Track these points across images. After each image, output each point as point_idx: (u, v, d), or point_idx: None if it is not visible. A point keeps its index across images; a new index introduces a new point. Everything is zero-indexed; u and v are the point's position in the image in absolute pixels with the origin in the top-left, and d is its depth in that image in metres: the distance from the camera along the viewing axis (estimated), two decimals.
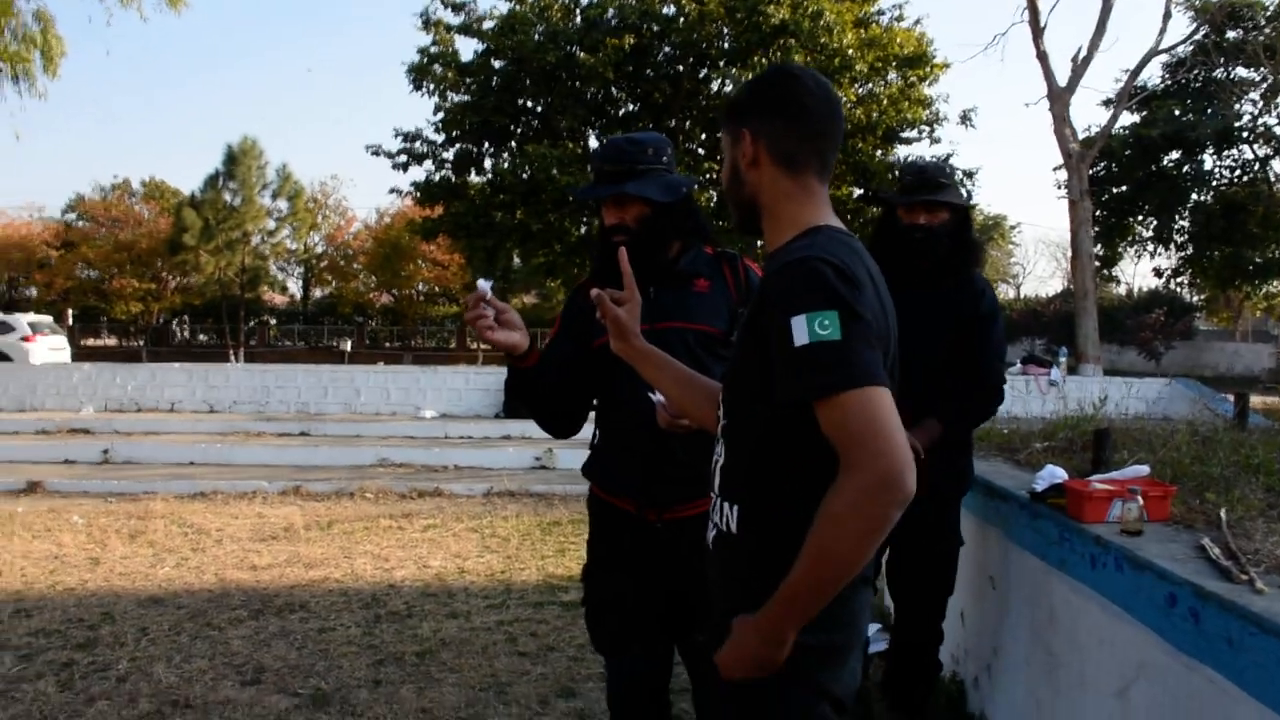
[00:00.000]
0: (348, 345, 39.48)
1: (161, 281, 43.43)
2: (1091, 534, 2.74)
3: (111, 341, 45.63)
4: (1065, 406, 9.17)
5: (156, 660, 4.72)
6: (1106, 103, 27.91)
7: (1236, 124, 28.50)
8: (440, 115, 20.78)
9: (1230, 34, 26.18)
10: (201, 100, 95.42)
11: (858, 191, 20.69)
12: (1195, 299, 38.43)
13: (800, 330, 1.60)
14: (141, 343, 42.97)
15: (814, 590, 1.63)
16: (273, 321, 48.05)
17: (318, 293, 49.24)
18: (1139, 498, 2.71)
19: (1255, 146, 29.62)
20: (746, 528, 1.79)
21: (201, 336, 47.45)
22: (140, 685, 4.39)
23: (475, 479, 10.33)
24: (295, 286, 49.61)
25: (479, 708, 4.13)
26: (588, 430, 2.82)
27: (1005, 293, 68.46)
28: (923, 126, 20.63)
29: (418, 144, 21.31)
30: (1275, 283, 32.17)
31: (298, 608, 5.62)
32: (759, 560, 1.73)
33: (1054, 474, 3.16)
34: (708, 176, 20.24)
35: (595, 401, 2.79)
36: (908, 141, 21.18)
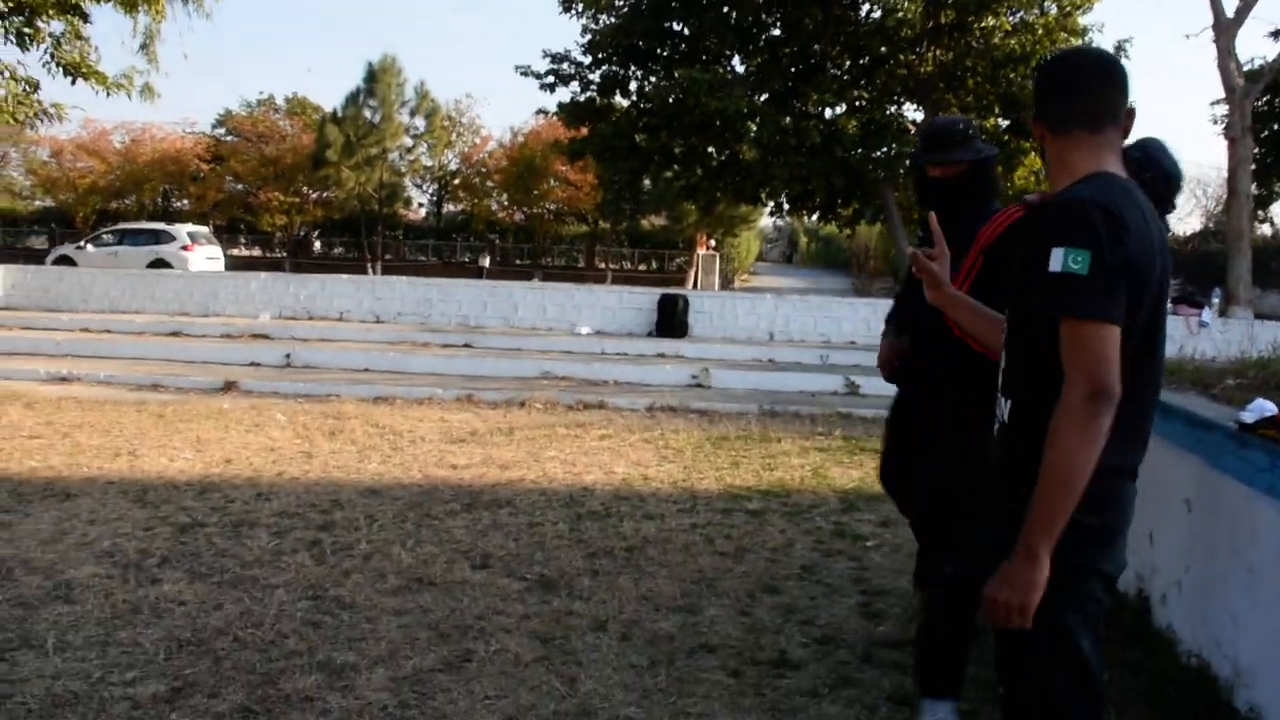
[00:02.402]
0: (486, 261, 40.45)
1: (303, 196, 44.91)
2: None
3: (255, 252, 47.54)
4: (1214, 348, 9.18)
5: (392, 543, 5.29)
6: (1274, 34, 26.47)
7: None
8: (588, 37, 21.08)
9: None
10: (342, 18, 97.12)
11: (1005, 123, 20.31)
12: None
13: (1057, 259, 2.00)
14: (284, 254, 44.67)
15: (1055, 497, 1.99)
16: (401, 236, 49.16)
17: (448, 209, 50.20)
18: None
19: None
20: (1016, 418, 2.19)
21: (338, 249, 49.00)
22: (384, 564, 4.96)
23: (636, 394, 10.85)
24: (426, 202, 50.64)
25: (694, 598, 4.58)
26: (740, 351, 3.30)
27: None
28: None
29: (565, 65, 21.68)
30: None
31: (504, 504, 6.17)
32: (1022, 445, 2.10)
33: (1264, 407, 3.39)
34: (856, 105, 20.14)
35: None
36: None
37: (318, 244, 50.36)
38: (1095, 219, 1.99)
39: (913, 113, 21.46)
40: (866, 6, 20.04)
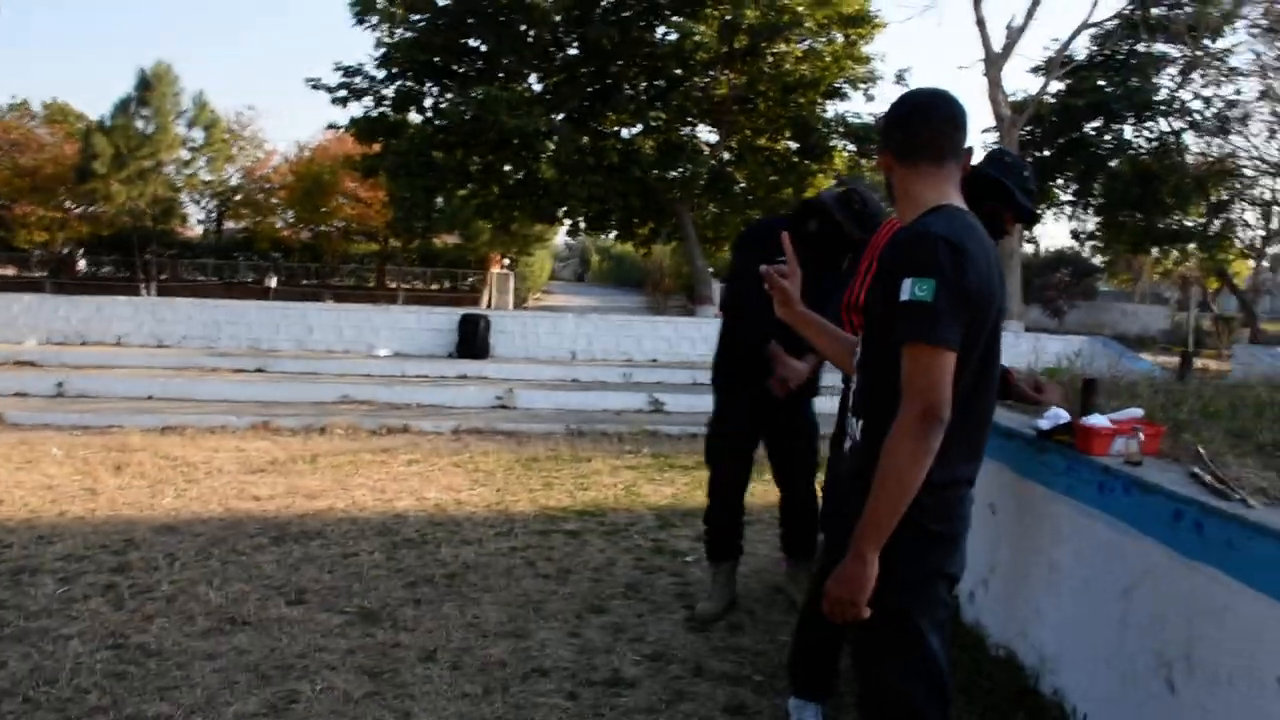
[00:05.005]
0: (272, 282, 38.82)
1: (66, 211, 41.86)
2: (1099, 464, 3.25)
3: (10, 271, 43.94)
4: (1005, 360, 9.80)
5: (197, 583, 4.98)
6: (1035, 70, 28.60)
7: (1155, 97, 28.90)
8: (383, 51, 20.62)
9: (1155, 10, 26.66)
10: (108, 22, 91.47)
11: (795, 145, 21.14)
12: (1098, 260, 39.59)
13: (906, 289, 2.13)
14: (44, 274, 41.55)
15: (884, 507, 2.13)
16: (176, 255, 46.46)
17: (228, 226, 47.88)
18: (1140, 435, 3.22)
19: (1170, 120, 29.97)
20: (867, 438, 2.30)
21: (107, 269, 45.86)
22: (191, 605, 4.66)
23: (440, 417, 10.64)
24: (203, 219, 48.08)
25: (521, 622, 4.53)
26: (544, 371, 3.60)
27: None
28: (861, 84, 21.13)
29: (358, 79, 21.12)
30: (1185, 249, 32.74)
31: (315, 535, 5.93)
32: (872, 462, 2.20)
33: (1059, 415, 3.66)
34: (652, 125, 20.49)
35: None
36: (845, 98, 21.63)
37: (83, 263, 46.96)
38: (941, 251, 2.12)
39: (707, 134, 22.06)
40: (663, 29, 20.46)
